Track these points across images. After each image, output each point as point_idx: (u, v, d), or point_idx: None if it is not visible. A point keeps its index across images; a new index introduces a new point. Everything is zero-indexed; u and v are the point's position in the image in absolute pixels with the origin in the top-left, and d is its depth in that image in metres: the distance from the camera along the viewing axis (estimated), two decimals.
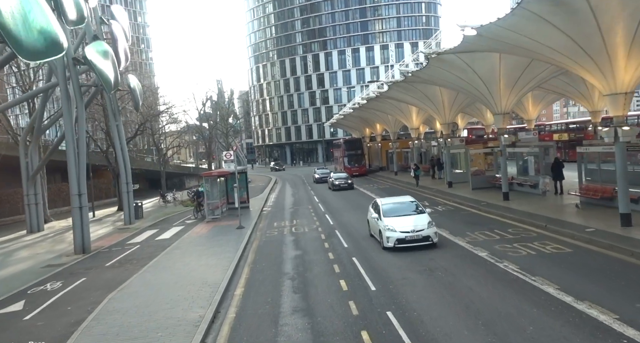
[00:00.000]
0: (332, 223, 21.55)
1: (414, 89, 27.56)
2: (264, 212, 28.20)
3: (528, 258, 12.27)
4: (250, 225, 22.78)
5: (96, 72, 16.79)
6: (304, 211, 27.09)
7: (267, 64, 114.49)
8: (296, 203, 31.54)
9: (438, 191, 29.15)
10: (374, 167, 57.66)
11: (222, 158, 22.21)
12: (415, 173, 32.71)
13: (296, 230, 20.66)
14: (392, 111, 37.22)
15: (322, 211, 26.44)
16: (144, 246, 19.27)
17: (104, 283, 13.35)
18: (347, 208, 26.42)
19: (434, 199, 26.39)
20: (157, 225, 26.09)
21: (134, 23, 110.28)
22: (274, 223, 23.51)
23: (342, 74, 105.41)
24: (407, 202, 16.48)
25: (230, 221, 24.09)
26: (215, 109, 48.77)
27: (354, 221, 21.49)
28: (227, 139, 46.60)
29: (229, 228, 22.03)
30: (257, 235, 20.40)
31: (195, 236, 20.48)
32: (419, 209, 15.74)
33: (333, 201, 30.67)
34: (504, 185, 21.85)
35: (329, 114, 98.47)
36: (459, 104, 28.08)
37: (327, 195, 34.41)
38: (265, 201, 34.19)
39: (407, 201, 16.56)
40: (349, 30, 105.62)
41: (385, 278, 11.80)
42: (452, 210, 22.05)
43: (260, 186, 50.32)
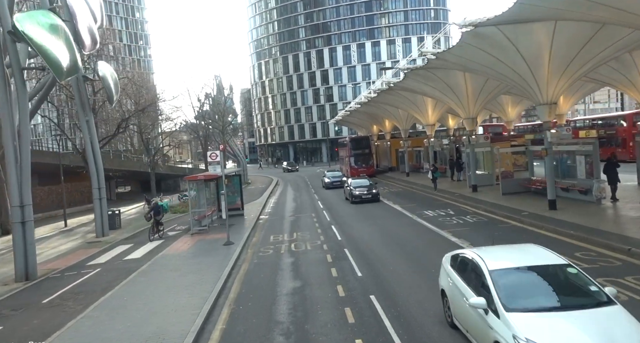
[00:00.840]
0: (340, 238, 17.69)
1: (434, 78, 23.65)
2: (260, 221, 24.38)
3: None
4: (241, 238, 18.97)
5: (35, 48, 12.99)
6: (306, 220, 23.25)
7: (269, 60, 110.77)
8: (298, 210, 27.69)
9: (461, 196, 25.23)
10: (382, 167, 53.77)
11: (211, 159, 18.23)
12: (434, 174, 28.79)
13: (296, 247, 16.82)
14: (406, 104, 33.28)
15: (327, 220, 22.59)
16: (105, 270, 15.47)
17: (22, 337, 9.54)
18: (359, 218, 22.55)
19: (458, 207, 22.47)
20: (134, 237, 22.31)
21: (132, 19, 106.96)
22: (270, 236, 19.68)
23: (347, 70, 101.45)
24: (553, 266, 6.97)
25: (219, 233, 20.30)
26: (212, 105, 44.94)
27: (365, 236, 17.63)
28: (223, 138, 42.66)
29: (215, 244, 18.23)
30: (248, 253, 16.58)
31: (172, 256, 16.66)
32: (593, 291, 6.45)
33: (339, 207, 26.81)
34: (551, 191, 17.89)
35: (334, 112, 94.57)
36: (486, 94, 24.14)
37: (334, 201, 30.53)
38: (263, 207, 30.37)
39: (549, 264, 7.00)
40: (354, 25, 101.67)
41: None
42: (485, 222, 18.12)
43: (260, 188, 46.54)
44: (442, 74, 23.16)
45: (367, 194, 26.84)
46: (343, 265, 13.55)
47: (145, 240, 21.02)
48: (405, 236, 17.03)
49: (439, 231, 17.16)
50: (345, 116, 58.98)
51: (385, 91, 30.99)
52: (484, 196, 23.91)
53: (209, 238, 19.88)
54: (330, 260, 14.36)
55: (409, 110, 34.38)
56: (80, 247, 20.56)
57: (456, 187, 29.68)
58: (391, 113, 40.85)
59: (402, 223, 19.83)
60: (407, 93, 31.22)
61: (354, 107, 48.06)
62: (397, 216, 21.88)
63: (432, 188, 29.48)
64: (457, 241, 15.16)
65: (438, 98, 26.48)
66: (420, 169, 44.22)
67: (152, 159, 37.87)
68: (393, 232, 18.05)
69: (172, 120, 43.68)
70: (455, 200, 24.45)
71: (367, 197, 26.84)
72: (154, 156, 38.34)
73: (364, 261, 13.74)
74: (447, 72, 22.93)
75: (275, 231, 20.90)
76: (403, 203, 25.50)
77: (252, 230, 21.40)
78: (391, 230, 18.55)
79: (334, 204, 28.67)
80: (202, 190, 22.70)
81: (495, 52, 16.13)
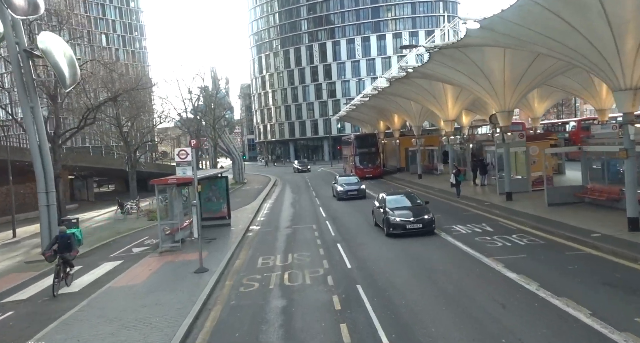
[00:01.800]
0: (350, 266, 13.26)
1: (465, 61, 19.15)
2: (249, 234, 19.94)
3: None
4: (220, 261, 14.58)
5: None
6: (304, 234, 18.82)
7: (270, 54, 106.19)
8: (295, 219, 23.25)
9: (493, 206, 20.77)
10: (390, 167, 49.28)
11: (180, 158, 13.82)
12: (457, 178, 24.31)
13: (290, 279, 12.41)
14: (422, 95, 28.71)
15: (330, 235, 18.17)
16: (17, 316, 11.05)
17: None
18: (370, 234, 18.13)
19: (495, 221, 18.00)
20: (89, 254, 17.90)
21: (127, 8, 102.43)
22: (259, 257, 15.26)
23: (351, 65, 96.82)
24: None
25: (195, 252, 15.96)
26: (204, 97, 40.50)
27: (382, 263, 13.20)
28: (214, 133, 38.20)
29: (185, 269, 13.83)
30: (225, 288, 12.17)
31: (121, 290, 12.24)
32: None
33: (344, 215, 22.37)
34: (632, 207, 13.41)
35: (336, 108, 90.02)
36: (527, 82, 19.63)
37: (339, 207, 26.10)
38: (256, 214, 25.97)
39: None
40: (359, 18, 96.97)
41: None
42: (543, 246, 13.64)
43: (255, 189, 42.13)
44: (476, 56, 18.67)
45: (415, 221, 15.84)
46: (357, 320, 9.10)
47: (102, 259, 16.62)
48: (439, 265, 12.58)
49: (481, 258, 12.73)
50: (350, 112, 54.50)
51: (400, 80, 26.48)
52: (523, 207, 19.44)
53: (180, 259, 15.46)
54: (338, 307, 9.92)
55: (426, 103, 29.82)
56: (14, 269, 16.18)
57: (483, 194, 25.21)
58: (402, 107, 36.34)
59: (429, 242, 15.38)
60: (425, 83, 26.73)
61: (361, 101, 43.58)
62: None
63: (454, 195, 25.02)
64: (515, 278, 10.73)
65: (467, 87, 21.96)
66: (433, 170, 39.76)
67: (133, 155, 33.40)
68: (419, 256, 13.63)
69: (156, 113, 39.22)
70: (488, 211, 19.98)
71: (417, 227, 15.89)
72: (134, 151, 33.87)
73: (388, 313, 9.30)
74: (483, 53, 18.45)
75: (266, 250, 16.47)
76: None
77: (236, 248, 16.99)
78: (415, 252, 14.12)
79: (330, 202, 24.27)
80: (176, 197, 18.24)
81: (569, 15, 11.63)
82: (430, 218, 16.30)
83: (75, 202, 36.61)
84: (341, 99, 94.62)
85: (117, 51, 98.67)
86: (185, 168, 13.84)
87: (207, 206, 21.85)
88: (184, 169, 13.87)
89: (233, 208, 28.38)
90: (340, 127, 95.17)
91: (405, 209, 16.81)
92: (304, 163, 66.97)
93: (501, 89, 20.22)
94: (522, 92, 20.48)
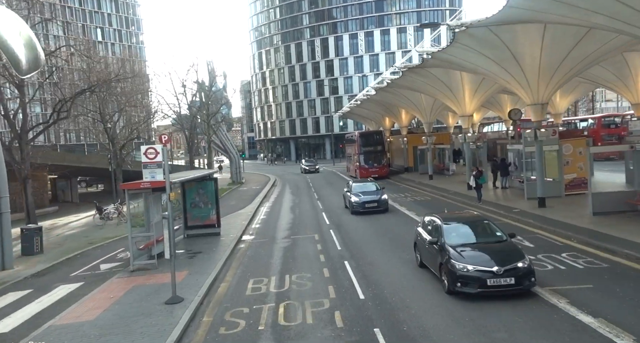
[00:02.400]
0: (362, 296, 10.38)
1: (494, 43, 16.22)
2: (241, 246, 17.06)
3: None
4: (202, 285, 11.75)
5: None
6: (305, 247, 15.95)
7: (270, 49, 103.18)
8: (295, 226, 20.38)
9: (524, 213, 17.86)
10: (396, 167, 46.40)
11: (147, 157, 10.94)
12: (478, 181, 21.39)
13: (287, 316, 9.54)
14: (437, 88, 25.68)
15: (336, 249, 15.29)
16: None
17: None
18: (379, 242, 15.26)
19: (534, 234, 15.09)
20: (47, 272, 15.01)
21: (122, 1, 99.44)
22: (249, 280, 12.39)
23: (354, 60, 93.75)
24: None
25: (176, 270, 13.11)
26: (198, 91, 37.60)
27: (398, 286, 10.32)
28: (208, 130, 35.32)
29: (155, 299, 10.98)
30: (201, 326, 9.33)
31: (64, 331, 9.36)
32: None
33: (352, 225, 19.50)
34: None
35: (338, 105, 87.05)
36: (569, 68, 16.69)
37: (353, 224, 23.21)
38: (251, 220, 23.10)
39: None
40: (362, 12, 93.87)
41: None
42: (612, 272, 10.70)
43: (253, 190, 39.24)
44: (508, 37, 15.75)
45: (504, 274, 9.40)
46: None
47: (60, 280, 13.77)
48: None
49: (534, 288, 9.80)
50: (353, 108, 51.60)
51: (413, 70, 23.54)
52: (562, 216, 16.55)
53: (154, 281, 12.60)
54: None
55: (440, 96, 26.84)
56: None
57: (507, 198, 22.30)
58: (412, 102, 33.41)
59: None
60: (441, 73, 23.79)
61: (366, 95, 40.68)
62: None
63: (474, 199, 22.14)
64: (595, 325, 7.83)
65: (493, 75, 19.01)
66: (444, 170, 36.88)
67: (119, 153, 30.42)
68: None
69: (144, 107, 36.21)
70: (520, 220, 17.09)
71: (507, 285, 9.31)
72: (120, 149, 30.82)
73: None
74: (516, 34, 15.53)
75: (258, 268, 13.60)
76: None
77: (224, 265, 14.13)
78: None
79: (334, 206, 21.38)
80: (154, 204, 15.34)
81: None
82: (526, 268, 9.50)
83: (57, 204, 33.75)
84: (343, 95, 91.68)
85: (113, 45, 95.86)
86: (154, 171, 10.96)
87: (194, 212, 18.99)
88: (152, 172, 10.98)
89: (226, 212, 25.69)
90: (342, 124, 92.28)
91: (482, 251, 10.14)
92: (312, 163, 58.36)
93: (535, 78, 17.30)
94: (559, 82, 17.56)
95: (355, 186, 23.56)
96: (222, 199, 34.40)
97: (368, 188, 22.99)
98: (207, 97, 36.14)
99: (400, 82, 26.87)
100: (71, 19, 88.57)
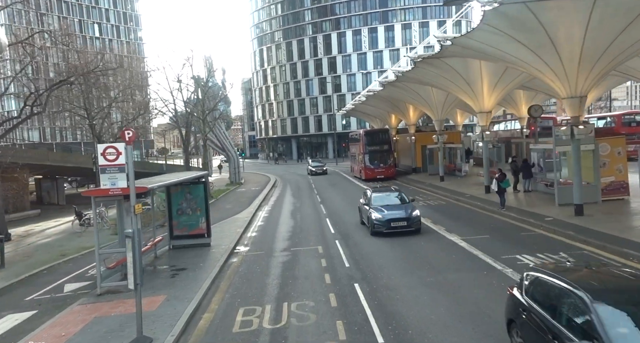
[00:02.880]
0: (382, 340, 8.02)
1: (529, 25, 13.83)
2: (233, 261, 14.71)
3: None
4: (178, 317, 9.44)
5: None
6: (308, 264, 13.59)
7: (271, 46, 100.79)
8: (295, 236, 18.00)
9: (560, 223, 15.45)
10: (403, 167, 44.01)
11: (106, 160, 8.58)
12: (501, 184, 18.99)
13: None
14: (452, 80, 23.23)
15: (344, 266, 12.94)
16: None
17: None
18: (396, 262, 12.92)
19: (578, 248, 12.69)
20: (3, 293, 12.67)
21: None
22: (238, 310, 10.07)
23: (357, 57, 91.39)
24: None
25: (150, 292, 10.87)
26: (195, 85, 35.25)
27: (424, 322, 7.94)
28: (203, 127, 32.97)
29: (115, 339, 8.65)
30: None
31: None
32: None
33: (360, 235, 17.13)
34: None
35: (341, 103, 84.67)
36: (613, 55, 14.32)
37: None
38: (247, 226, 20.75)
39: None
40: (366, 7, 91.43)
41: None
42: None
43: (252, 191, 36.93)
44: (549, 18, 13.37)
45: None
46: None
47: (10, 305, 11.46)
48: None
49: None
50: (358, 105, 49.15)
51: (427, 61, 21.12)
52: (607, 227, 14.16)
53: (120, 309, 10.28)
54: None
55: (455, 90, 24.38)
56: None
57: (532, 204, 19.89)
58: (422, 98, 31.00)
59: (485, 284, 10.18)
60: (459, 64, 21.39)
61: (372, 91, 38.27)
62: (463, 261, 12.26)
63: (494, 204, 19.79)
64: None
65: (523, 65, 16.58)
66: (456, 171, 34.49)
67: None
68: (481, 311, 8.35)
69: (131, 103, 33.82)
70: (556, 231, 14.70)
71: None
72: None
73: None
74: (559, 12, 13.15)
75: (251, 293, 11.25)
76: (462, 232, 15.81)
77: (210, 287, 11.81)
78: (469, 300, 8.86)
79: (339, 211, 18.99)
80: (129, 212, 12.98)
81: None
82: None
83: (42, 207, 31.43)
84: (346, 93, 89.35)
85: (111, 41, 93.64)
86: (115, 176, 8.62)
87: (181, 220, 16.67)
88: (113, 177, 8.65)
89: (221, 217, 23.45)
90: (345, 123, 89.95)
91: None
92: (320, 163, 51.21)
93: (574, 67, 14.93)
94: (600, 72, 15.18)
95: (375, 197, 17.85)
96: (218, 201, 32.16)
97: (392, 200, 17.67)
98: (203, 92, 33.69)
99: (412, 74, 24.43)
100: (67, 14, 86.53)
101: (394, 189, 19.56)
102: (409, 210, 16.56)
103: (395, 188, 20.91)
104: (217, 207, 28.74)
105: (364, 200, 18.57)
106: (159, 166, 41.24)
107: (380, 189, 19.83)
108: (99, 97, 28.80)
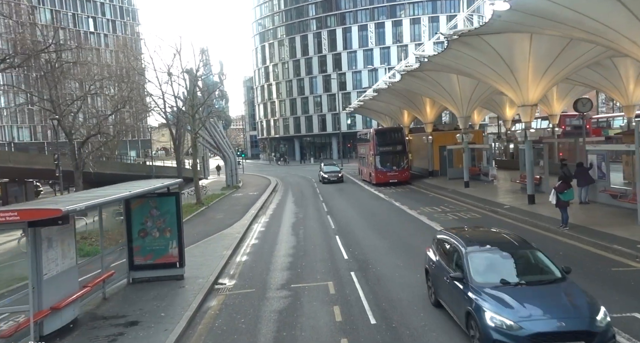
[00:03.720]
0: None
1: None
2: (210, 306, 10.50)
3: None
4: None
5: None
6: (314, 316, 9.36)
7: (274, 42, 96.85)
8: (297, 264, 13.73)
9: None
10: (417, 170, 39.73)
11: None
12: (561, 196, 14.66)
13: None
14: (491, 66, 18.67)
15: (367, 321, 8.69)
16: None
17: None
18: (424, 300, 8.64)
19: None
20: None
21: None
22: None
23: (363, 54, 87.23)
24: None
25: None
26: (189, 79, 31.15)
27: None
28: (193, 124, 28.81)
29: None
30: None
31: None
32: None
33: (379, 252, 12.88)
34: None
35: (346, 101, 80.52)
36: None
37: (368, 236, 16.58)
38: (236, 249, 16.45)
39: None
40: (372, 2, 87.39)
41: None
42: None
43: (249, 197, 32.67)
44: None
45: None
46: None
47: None
48: None
49: None
50: (367, 101, 44.91)
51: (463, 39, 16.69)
52: None
53: None
54: None
55: (491, 80, 19.94)
56: None
57: (602, 220, 15.54)
58: (445, 90, 26.63)
59: None
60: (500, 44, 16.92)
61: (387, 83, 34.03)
62: None
63: (547, 219, 15.55)
64: None
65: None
66: (481, 175, 30.11)
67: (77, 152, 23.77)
68: None
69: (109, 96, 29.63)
70: None
71: None
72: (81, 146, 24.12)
73: None
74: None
75: None
76: None
77: None
78: None
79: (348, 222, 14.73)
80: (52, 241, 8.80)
81: None
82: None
83: None
84: (352, 91, 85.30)
85: (106, 36, 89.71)
86: None
87: (144, 245, 12.44)
88: None
89: (207, 232, 19.35)
90: (351, 122, 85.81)
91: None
92: (334, 168, 41.37)
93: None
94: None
95: (480, 265, 7.81)
96: (209, 209, 27.93)
97: (520, 270, 7.94)
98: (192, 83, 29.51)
99: (440, 60, 19.96)
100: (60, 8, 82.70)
101: (510, 239, 8.72)
102: (580, 304, 6.95)
103: (508, 233, 9.37)
104: (206, 217, 24.59)
105: (445, 261, 8.81)
106: (148, 168, 36.99)
107: (479, 237, 9.32)
108: (69, 89, 24.72)
